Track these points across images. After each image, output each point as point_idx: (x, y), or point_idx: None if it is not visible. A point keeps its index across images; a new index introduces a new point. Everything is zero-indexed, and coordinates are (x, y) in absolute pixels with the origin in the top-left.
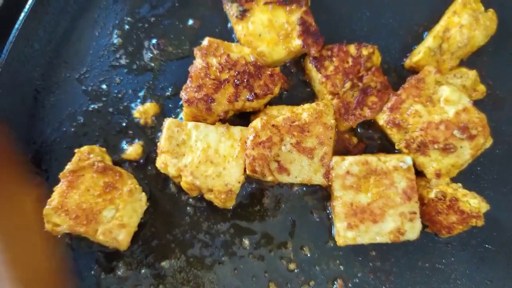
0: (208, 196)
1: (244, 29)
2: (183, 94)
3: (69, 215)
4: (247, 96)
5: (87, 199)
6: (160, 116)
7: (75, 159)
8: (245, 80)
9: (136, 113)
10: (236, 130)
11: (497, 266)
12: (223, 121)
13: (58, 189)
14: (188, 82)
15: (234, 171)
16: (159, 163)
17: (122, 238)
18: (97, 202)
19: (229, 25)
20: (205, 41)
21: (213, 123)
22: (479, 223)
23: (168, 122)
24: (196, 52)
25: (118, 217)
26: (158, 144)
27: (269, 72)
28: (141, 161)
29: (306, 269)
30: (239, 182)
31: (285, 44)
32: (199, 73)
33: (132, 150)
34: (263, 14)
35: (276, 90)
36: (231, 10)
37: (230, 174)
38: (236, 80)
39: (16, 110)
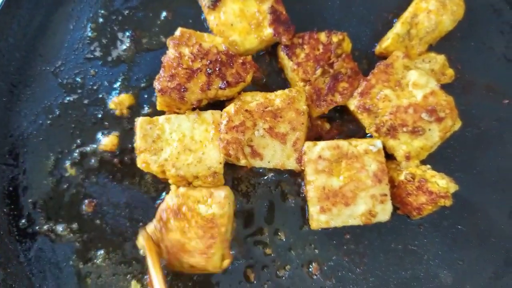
0: (196, 183)
1: (216, 19)
2: (156, 84)
3: None
4: (220, 85)
5: None
6: (136, 106)
7: None
8: (217, 69)
9: (111, 104)
10: (208, 114)
11: (469, 246)
12: (194, 109)
13: None
14: (161, 72)
15: (213, 153)
16: (140, 163)
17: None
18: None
19: (202, 16)
20: (177, 32)
21: (187, 110)
22: (447, 203)
23: (139, 121)
24: (169, 42)
25: None
26: (135, 145)
27: (241, 61)
28: (117, 152)
29: (282, 254)
30: (220, 163)
31: (257, 33)
32: (172, 63)
33: (108, 141)
34: (234, 3)
35: (249, 78)
36: (203, 0)
37: (210, 157)
38: (208, 69)
39: None
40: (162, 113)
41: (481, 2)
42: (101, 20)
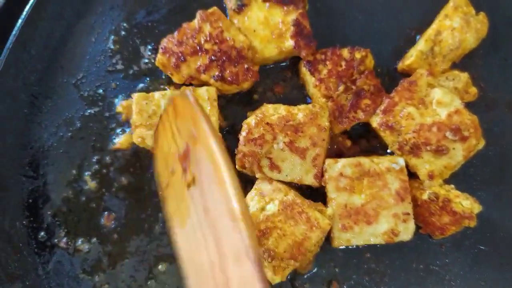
0: None
1: (240, 22)
2: (164, 40)
3: None
4: (214, 75)
5: None
6: None
7: None
8: (221, 60)
9: (119, 107)
10: (203, 90)
11: (491, 266)
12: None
13: None
14: (175, 33)
15: None
16: (136, 138)
17: None
18: None
19: None
20: (212, 9)
21: (178, 82)
22: (471, 224)
23: (135, 96)
24: (198, 13)
25: None
26: (131, 120)
27: (246, 66)
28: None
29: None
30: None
31: (278, 43)
32: (188, 32)
33: (124, 140)
34: (260, 11)
35: (245, 85)
36: (230, 3)
37: None
38: (213, 56)
39: (14, 115)
40: None
41: (504, 20)
42: (123, 33)
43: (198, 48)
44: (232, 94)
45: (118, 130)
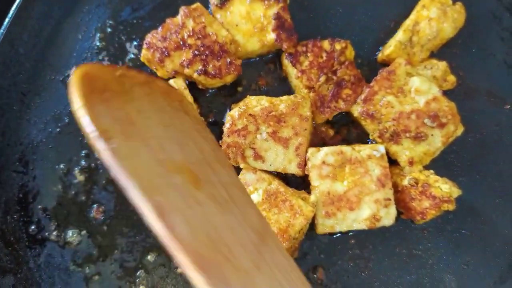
0: None
1: (222, 17)
2: (148, 36)
3: None
4: (198, 69)
5: None
6: None
7: None
8: (204, 55)
9: None
10: (171, 82)
11: (473, 250)
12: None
13: None
14: (159, 29)
15: None
16: None
17: None
18: None
19: None
20: (195, 5)
21: (162, 77)
22: (450, 208)
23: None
24: (181, 9)
25: None
26: None
27: (229, 60)
28: None
29: None
30: None
31: (260, 36)
32: (171, 27)
33: None
34: (241, 5)
35: (228, 78)
36: None
37: None
38: (196, 51)
39: (3, 112)
40: None
41: (481, 10)
42: (109, 30)
43: (181, 43)
44: (216, 87)
45: None
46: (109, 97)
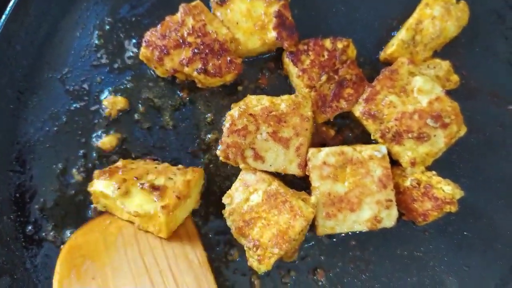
0: None
1: (223, 15)
2: (147, 34)
3: None
4: (197, 68)
5: None
6: (127, 111)
7: None
8: (204, 53)
9: (104, 101)
10: None
11: (474, 252)
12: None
13: None
14: (158, 26)
15: None
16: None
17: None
18: None
19: None
20: (195, 2)
21: (161, 75)
22: (453, 209)
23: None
24: (181, 7)
25: None
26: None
27: (229, 58)
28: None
29: (287, 260)
30: None
31: (260, 34)
32: (171, 25)
33: (107, 140)
34: (242, 3)
35: (228, 77)
36: None
37: None
38: (196, 49)
39: (0, 111)
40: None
41: (485, 8)
42: (107, 27)
43: (181, 41)
44: (216, 86)
45: (101, 131)
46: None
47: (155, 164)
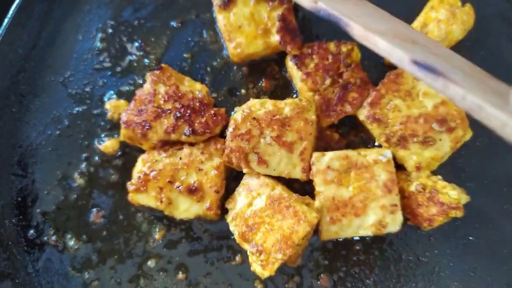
0: None
1: (226, 19)
2: (123, 115)
3: None
4: (185, 131)
5: None
6: None
7: None
8: (186, 115)
9: (107, 105)
10: None
11: (480, 257)
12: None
13: None
14: (131, 104)
15: None
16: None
17: None
18: None
19: (205, 28)
20: (162, 66)
21: (149, 149)
22: (459, 214)
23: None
24: (148, 76)
25: None
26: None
27: (213, 112)
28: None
29: (290, 265)
30: None
31: (263, 38)
32: (144, 98)
33: (109, 143)
34: (245, 6)
35: (217, 130)
36: None
37: None
38: (177, 113)
39: (2, 114)
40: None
41: (491, 11)
42: (110, 30)
43: (159, 110)
44: (219, 90)
45: (104, 134)
46: None
47: (177, 154)
